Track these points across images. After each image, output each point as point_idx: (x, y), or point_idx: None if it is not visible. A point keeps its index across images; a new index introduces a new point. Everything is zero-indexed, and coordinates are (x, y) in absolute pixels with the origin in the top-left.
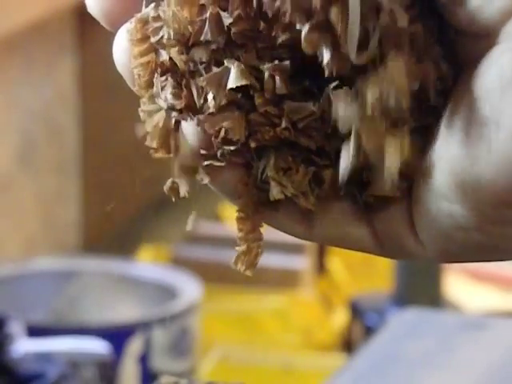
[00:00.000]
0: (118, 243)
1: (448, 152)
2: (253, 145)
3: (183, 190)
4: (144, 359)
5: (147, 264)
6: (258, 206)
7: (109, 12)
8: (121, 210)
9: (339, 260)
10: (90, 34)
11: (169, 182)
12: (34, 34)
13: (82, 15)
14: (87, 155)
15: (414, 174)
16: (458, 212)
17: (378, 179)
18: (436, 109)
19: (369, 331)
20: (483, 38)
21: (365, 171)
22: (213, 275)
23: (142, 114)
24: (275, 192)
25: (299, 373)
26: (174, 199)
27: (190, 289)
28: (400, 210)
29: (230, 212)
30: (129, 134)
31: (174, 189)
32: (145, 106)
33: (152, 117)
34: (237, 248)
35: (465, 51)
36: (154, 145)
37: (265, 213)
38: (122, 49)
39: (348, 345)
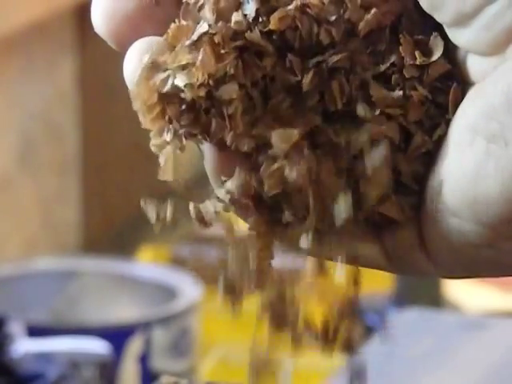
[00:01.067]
0: (118, 243)
1: (456, 170)
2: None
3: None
4: (144, 359)
5: (147, 264)
6: (270, 225)
7: (116, 33)
8: (121, 210)
9: None
10: (89, 34)
11: (192, 209)
12: (34, 34)
13: (82, 15)
14: (87, 155)
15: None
16: (469, 229)
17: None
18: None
19: (369, 331)
20: (489, 56)
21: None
22: (213, 275)
23: (153, 148)
24: (287, 215)
25: (299, 373)
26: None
27: (189, 289)
28: (409, 228)
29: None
30: (129, 134)
31: (200, 215)
32: (155, 140)
33: (163, 150)
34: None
35: (470, 68)
36: (170, 178)
37: (276, 232)
38: (133, 69)
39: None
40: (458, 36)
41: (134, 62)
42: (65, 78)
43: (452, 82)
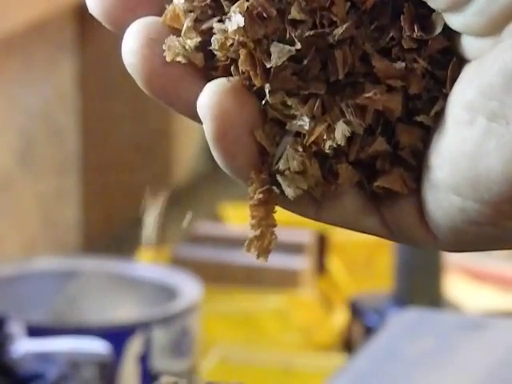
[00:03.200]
0: (118, 243)
1: (457, 148)
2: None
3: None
4: (144, 359)
5: (147, 264)
6: (271, 193)
7: (110, 13)
8: (121, 210)
9: (339, 260)
10: (90, 34)
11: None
12: (34, 34)
13: (82, 15)
14: (87, 155)
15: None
16: (471, 207)
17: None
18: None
19: (369, 331)
20: (484, 37)
21: (378, 161)
22: (213, 275)
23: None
24: (289, 191)
25: (299, 373)
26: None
27: (189, 289)
28: (409, 202)
29: (229, 212)
30: (129, 134)
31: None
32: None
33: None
34: (249, 234)
35: (466, 46)
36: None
37: (277, 199)
38: (131, 50)
39: (348, 345)
40: (452, 20)
41: (133, 43)
42: (65, 78)
43: (450, 57)
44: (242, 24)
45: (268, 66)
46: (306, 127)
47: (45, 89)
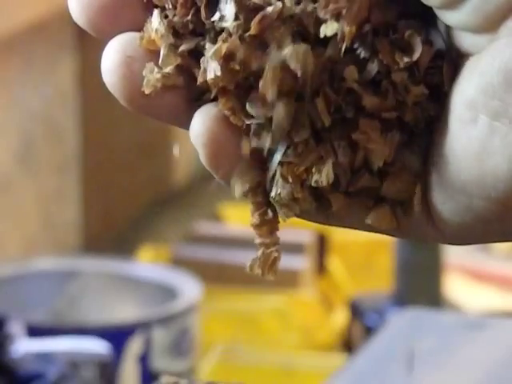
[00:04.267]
0: (118, 243)
1: (461, 147)
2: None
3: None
4: (144, 359)
5: (147, 264)
6: (269, 215)
7: (94, 22)
8: (121, 210)
9: (339, 260)
10: (90, 34)
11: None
12: (34, 34)
13: None
14: (87, 155)
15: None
16: (478, 205)
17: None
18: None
19: (369, 331)
20: (481, 33)
21: (366, 196)
22: (213, 275)
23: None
24: (282, 214)
25: (299, 373)
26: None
27: (189, 289)
28: (415, 205)
29: (229, 212)
30: (129, 134)
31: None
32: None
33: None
34: (257, 253)
35: (463, 41)
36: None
37: (280, 213)
38: (109, 70)
39: (348, 345)
40: (448, 17)
41: (109, 62)
42: (65, 78)
43: (441, 59)
44: (218, 73)
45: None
46: (295, 159)
47: (45, 89)
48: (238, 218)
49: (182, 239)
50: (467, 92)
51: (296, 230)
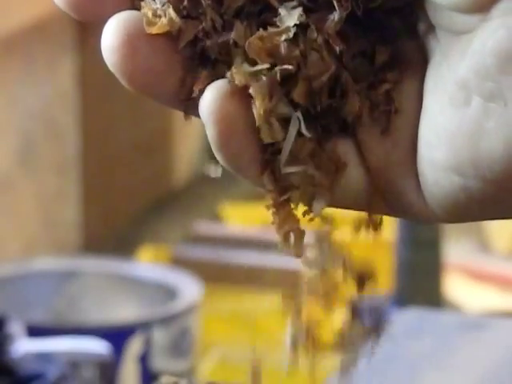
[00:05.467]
0: (118, 243)
1: (455, 128)
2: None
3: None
4: (144, 359)
5: (147, 264)
6: (287, 194)
7: (75, 4)
8: (121, 210)
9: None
10: (89, 34)
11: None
12: (34, 34)
13: None
14: (87, 155)
15: None
16: (474, 186)
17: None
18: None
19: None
20: (472, 14)
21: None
22: (213, 275)
23: None
24: (294, 197)
25: (299, 373)
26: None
27: (189, 289)
28: (408, 180)
29: (230, 212)
30: (129, 134)
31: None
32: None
33: None
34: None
35: (450, 23)
36: None
37: (292, 197)
38: (111, 49)
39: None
40: (437, 5)
41: (110, 41)
42: (65, 78)
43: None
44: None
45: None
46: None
47: (45, 89)
48: (238, 218)
49: (181, 239)
50: (459, 72)
51: None
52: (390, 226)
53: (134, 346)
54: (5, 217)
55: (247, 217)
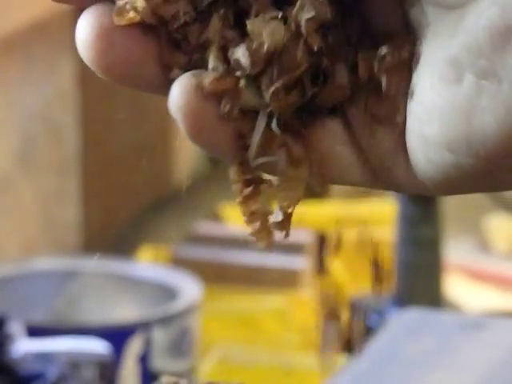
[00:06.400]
0: (118, 243)
1: (447, 105)
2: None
3: None
4: (144, 359)
5: (147, 264)
6: (258, 181)
7: None
8: (121, 210)
9: (339, 260)
10: None
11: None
12: (34, 34)
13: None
14: (87, 155)
15: None
16: (466, 163)
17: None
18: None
19: (369, 331)
20: None
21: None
22: (213, 275)
23: None
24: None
25: (299, 373)
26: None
27: (190, 289)
28: (397, 156)
29: (229, 212)
30: (129, 134)
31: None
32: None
33: None
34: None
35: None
36: None
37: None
38: (86, 43)
39: (348, 345)
40: None
41: (84, 36)
42: (65, 78)
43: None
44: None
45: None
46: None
47: (45, 89)
48: (238, 218)
49: (182, 239)
50: (451, 50)
51: (296, 230)
52: (390, 226)
53: (134, 346)
54: (5, 217)
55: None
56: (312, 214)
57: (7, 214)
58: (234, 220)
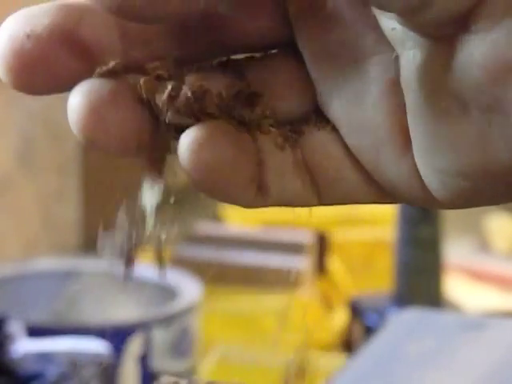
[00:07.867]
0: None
1: (459, 138)
2: None
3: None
4: (144, 359)
5: (147, 264)
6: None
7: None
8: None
9: (339, 260)
10: None
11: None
12: None
13: None
14: (87, 155)
15: None
16: (484, 188)
17: None
18: None
19: (369, 331)
20: (450, 25)
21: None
22: (213, 275)
23: None
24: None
25: (299, 373)
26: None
27: (190, 289)
28: (399, 171)
29: (229, 212)
30: None
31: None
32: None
33: None
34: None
35: (423, 31)
36: None
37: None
38: (77, 119)
39: (348, 345)
40: (413, 22)
41: (77, 109)
42: None
43: None
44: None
45: None
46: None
47: None
48: (238, 218)
49: (182, 239)
50: (451, 86)
51: (296, 230)
52: (390, 226)
53: (134, 346)
54: (5, 217)
55: (247, 217)
56: (312, 214)
57: (7, 213)
58: (233, 220)
